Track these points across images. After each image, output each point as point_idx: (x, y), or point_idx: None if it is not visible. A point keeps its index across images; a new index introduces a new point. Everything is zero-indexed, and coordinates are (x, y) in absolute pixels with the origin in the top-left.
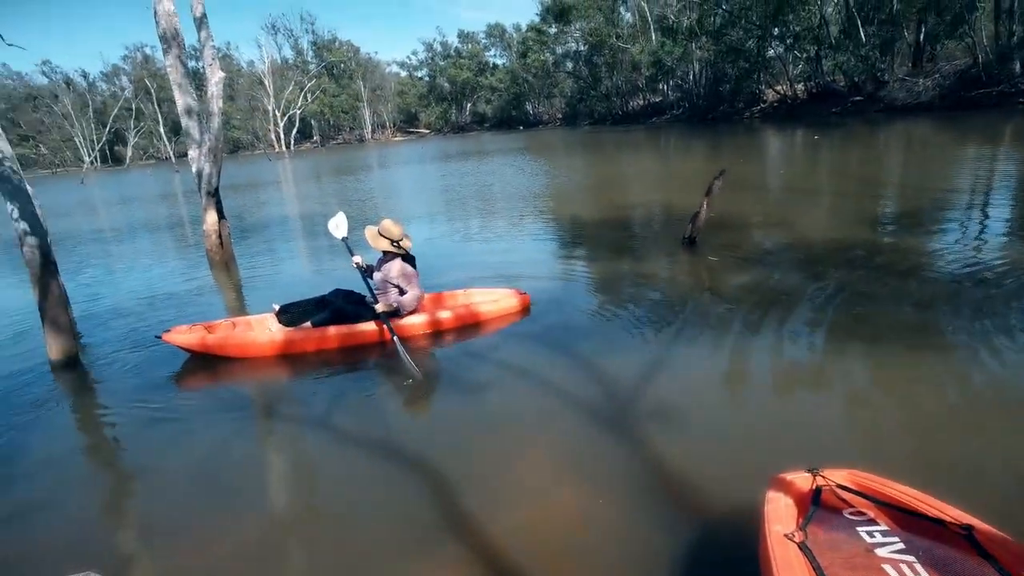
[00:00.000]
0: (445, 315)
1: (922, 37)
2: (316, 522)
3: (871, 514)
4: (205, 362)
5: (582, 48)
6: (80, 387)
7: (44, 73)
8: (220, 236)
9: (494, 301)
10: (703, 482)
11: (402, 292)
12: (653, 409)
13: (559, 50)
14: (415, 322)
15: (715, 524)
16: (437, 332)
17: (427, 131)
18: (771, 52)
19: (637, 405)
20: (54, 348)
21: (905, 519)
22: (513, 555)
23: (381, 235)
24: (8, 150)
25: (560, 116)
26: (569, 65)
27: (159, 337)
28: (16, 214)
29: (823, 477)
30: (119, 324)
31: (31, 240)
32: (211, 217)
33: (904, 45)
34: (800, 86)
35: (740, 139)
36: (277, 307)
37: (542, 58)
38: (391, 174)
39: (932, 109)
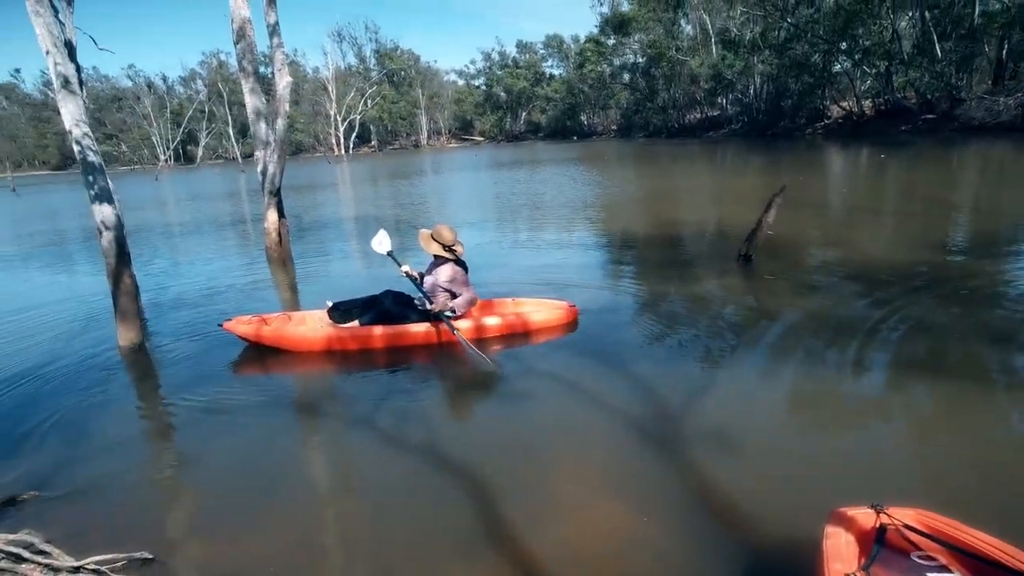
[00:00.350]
0: (493, 322)
1: (1004, 53)
2: (355, 522)
3: (942, 559)
4: (259, 353)
5: (640, 60)
6: (143, 372)
7: (129, 76)
8: (279, 234)
9: (542, 312)
10: (756, 510)
11: (453, 296)
12: (703, 431)
13: (616, 61)
14: (462, 327)
15: (768, 555)
16: (484, 339)
17: (481, 139)
18: (837, 67)
19: (687, 426)
20: (123, 334)
21: (981, 568)
22: (552, 569)
23: (434, 239)
24: (95, 148)
25: (615, 127)
26: (626, 77)
27: (220, 326)
28: (98, 207)
29: (888, 515)
30: (182, 313)
31: (109, 232)
32: (272, 216)
33: (984, 61)
34: (867, 103)
35: (801, 156)
36: (330, 303)
37: (599, 69)
38: (445, 180)
39: (1013, 129)
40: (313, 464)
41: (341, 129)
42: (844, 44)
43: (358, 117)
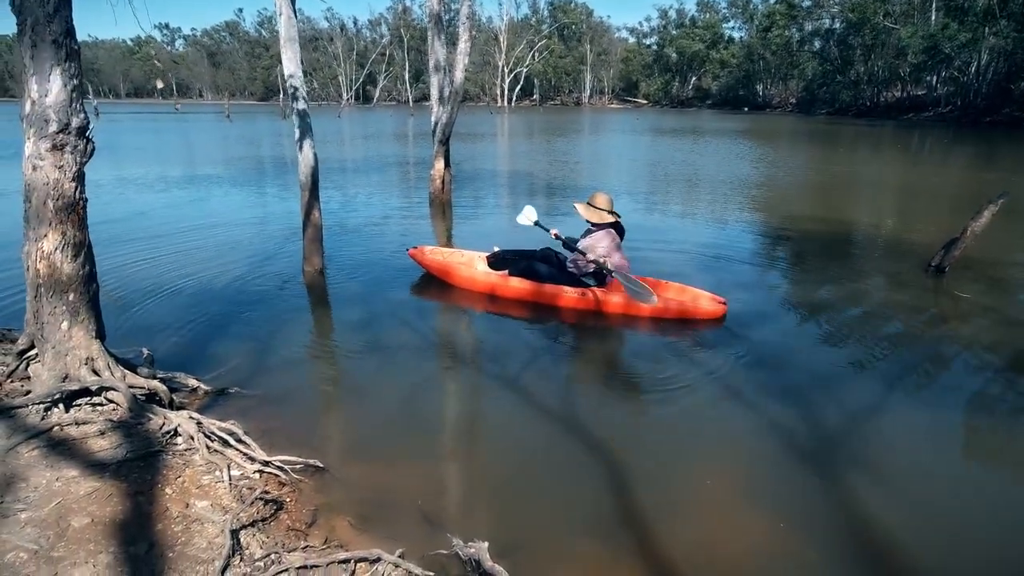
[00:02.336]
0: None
1: None
2: (493, 474)
3: None
4: (423, 287)
5: (837, 26)
6: (323, 297)
7: (326, 19)
8: (443, 181)
9: (693, 301)
10: (915, 559)
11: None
12: (862, 459)
13: (808, 27)
14: (612, 300)
15: None
16: (629, 316)
17: (644, 102)
18: None
19: (844, 450)
20: (308, 260)
21: None
22: (681, 568)
23: (590, 205)
24: (305, 93)
25: (794, 101)
26: (817, 44)
27: (407, 251)
28: (301, 145)
29: None
30: (355, 246)
31: (306, 169)
32: (439, 164)
33: None
34: None
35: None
36: (497, 249)
37: (786, 34)
38: (603, 141)
39: None
40: (463, 410)
41: (507, 81)
42: None
43: (524, 70)
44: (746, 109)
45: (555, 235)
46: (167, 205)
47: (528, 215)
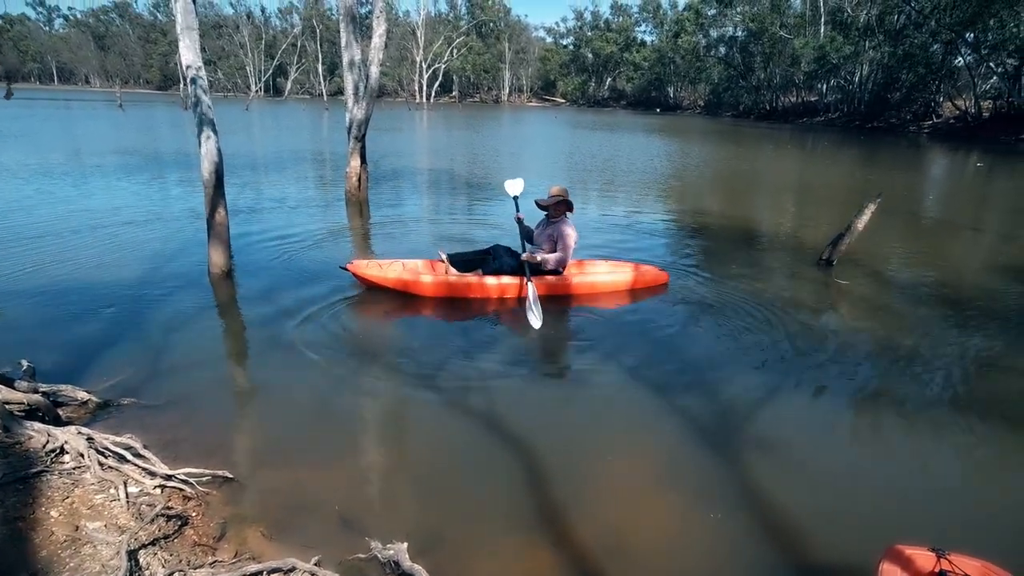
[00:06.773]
0: (577, 283)
1: None
2: (412, 474)
3: None
4: (337, 286)
5: (739, 34)
6: (230, 299)
7: (232, 4)
8: (359, 179)
9: (640, 274)
10: (808, 528)
11: (553, 251)
12: (762, 437)
13: (714, 33)
14: (573, 283)
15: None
16: (583, 295)
17: (562, 101)
18: (959, 61)
19: (746, 430)
20: (214, 260)
21: None
22: (596, 553)
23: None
24: (206, 85)
25: (702, 103)
26: (722, 50)
27: (343, 267)
28: (203, 140)
29: (949, 561)
30: (265, 245)
31: (209, 163)
32: (355, 161)
33: None
34: (987, 104)
35: (899, 155)
36: (443, 254)
37: (694, 40)
38: (522, 136)
39: None
40: (379, 410)
41: (425, 76)
42: (970, 36)
43: (442, 66)
44: (658, 110)
45: (519, 218)
46: (52, 200)
47: (515, 186)
